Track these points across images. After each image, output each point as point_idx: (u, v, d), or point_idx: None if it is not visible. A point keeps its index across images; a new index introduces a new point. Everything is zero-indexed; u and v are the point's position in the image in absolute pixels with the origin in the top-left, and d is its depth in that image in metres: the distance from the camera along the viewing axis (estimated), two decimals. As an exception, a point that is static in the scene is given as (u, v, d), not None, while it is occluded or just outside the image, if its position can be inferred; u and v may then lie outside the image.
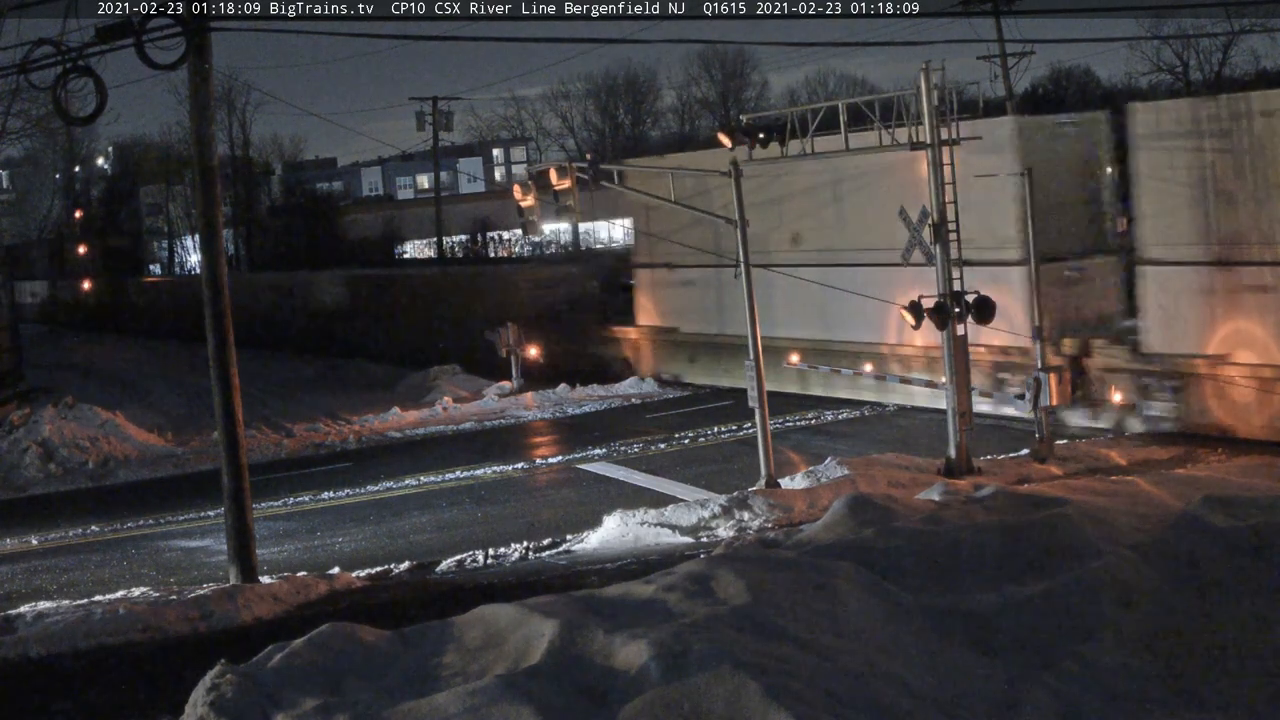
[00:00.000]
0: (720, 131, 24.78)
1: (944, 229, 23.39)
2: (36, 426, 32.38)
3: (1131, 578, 13.26)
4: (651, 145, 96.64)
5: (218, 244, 19.31)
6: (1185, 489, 19.81)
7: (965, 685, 11.23)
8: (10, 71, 18.35)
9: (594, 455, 29.32)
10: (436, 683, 11.72)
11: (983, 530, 15.20)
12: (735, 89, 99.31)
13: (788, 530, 19.75)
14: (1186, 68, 76.20)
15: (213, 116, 19.47)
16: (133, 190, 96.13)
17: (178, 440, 34.27)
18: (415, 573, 20.52)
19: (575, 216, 25.00)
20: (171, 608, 17.81)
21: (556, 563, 20.44)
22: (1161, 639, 12.28)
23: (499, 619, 12.59)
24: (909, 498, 19.79)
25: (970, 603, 13.11)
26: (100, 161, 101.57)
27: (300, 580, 19.12)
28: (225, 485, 19.27)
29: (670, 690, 10.55)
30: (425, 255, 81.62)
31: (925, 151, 23.45)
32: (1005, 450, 25.83)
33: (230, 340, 19.12)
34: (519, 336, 40.18)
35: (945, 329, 23.19)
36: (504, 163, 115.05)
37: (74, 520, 26.62)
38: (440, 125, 71.81)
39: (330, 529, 24.39)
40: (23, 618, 17.78)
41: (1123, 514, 16.94)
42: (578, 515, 23.45)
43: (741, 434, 29.53)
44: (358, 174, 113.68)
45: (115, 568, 22.53)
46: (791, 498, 22.19)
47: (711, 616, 12.01)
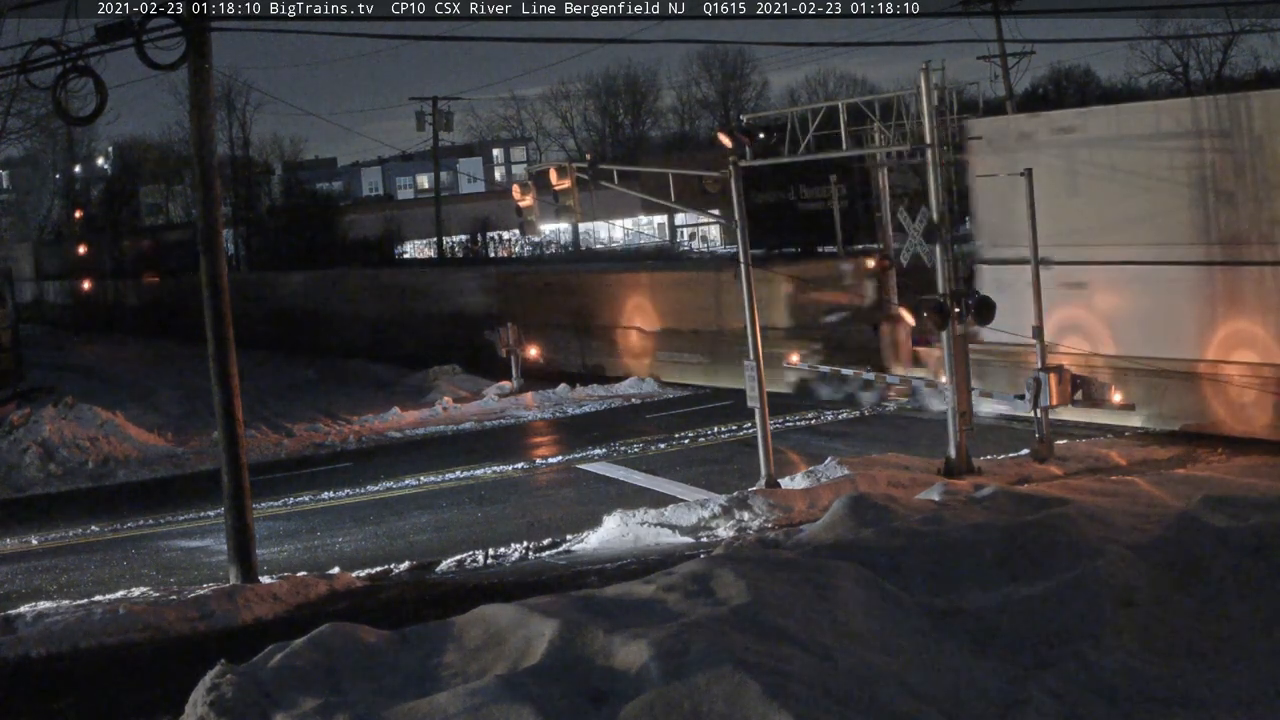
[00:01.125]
0: (720, 131, 24.78)
1: (943, 229, 23.40)
2: (36, 426, 32.39)
3: (1131, 578, 13.26)
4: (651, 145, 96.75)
5: (218, 244, 19.31)
6: (1185, 489, 19.83)
7: (965, 685, 11.24)
8: (10, 71, 18.36)
9: (594, 455, 29.32)
10: (436, 683, 11.72)
11: (983, 530, 15.21)
12: (735, 89, 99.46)
13: (788, 530, 19.75)
14: (1186, 68, 76.33)
15: (213, 116, 19.47)
16: (133, 190, 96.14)
17: (178, 440, 34.27)
18: (415, 573, 20.51)
19: (575, 217, 24.97)
20: (171, 608, 17.81)
21: (556, 563, 20.44)
22: (1161, 639, 12.29)
23: (499, 619, 12.59)
24: (909, 498, 19.80)
25: (970, 603, 13.11)
26: (100, 161, 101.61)
27: (300, 580, 19.12)
28: (225, 485, 19.27)
29: (670, 690, 10.55)
30: (425, 255, 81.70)
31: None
32: (1005, 450, 25.83)
33: (230, 340, 19.13)
34: (519, 336, 40.19)
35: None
36: (504, 163, 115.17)
37: (74, 520, 26.62)
38: (440, 125, 71.90)
39: (330, 529, 24.40)
40: (23, 618, 17.78)
41: (1123, 514, 16.96)
42: (578, 515, 23.45)
43: (741, 434, 29.54)
44: (358, 174, 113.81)
45: (115, 568, 22.53)
46: (791, 498, 22.19)
47: (712, 616, 12.01)
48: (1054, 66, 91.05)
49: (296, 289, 61.69)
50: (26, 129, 41.09)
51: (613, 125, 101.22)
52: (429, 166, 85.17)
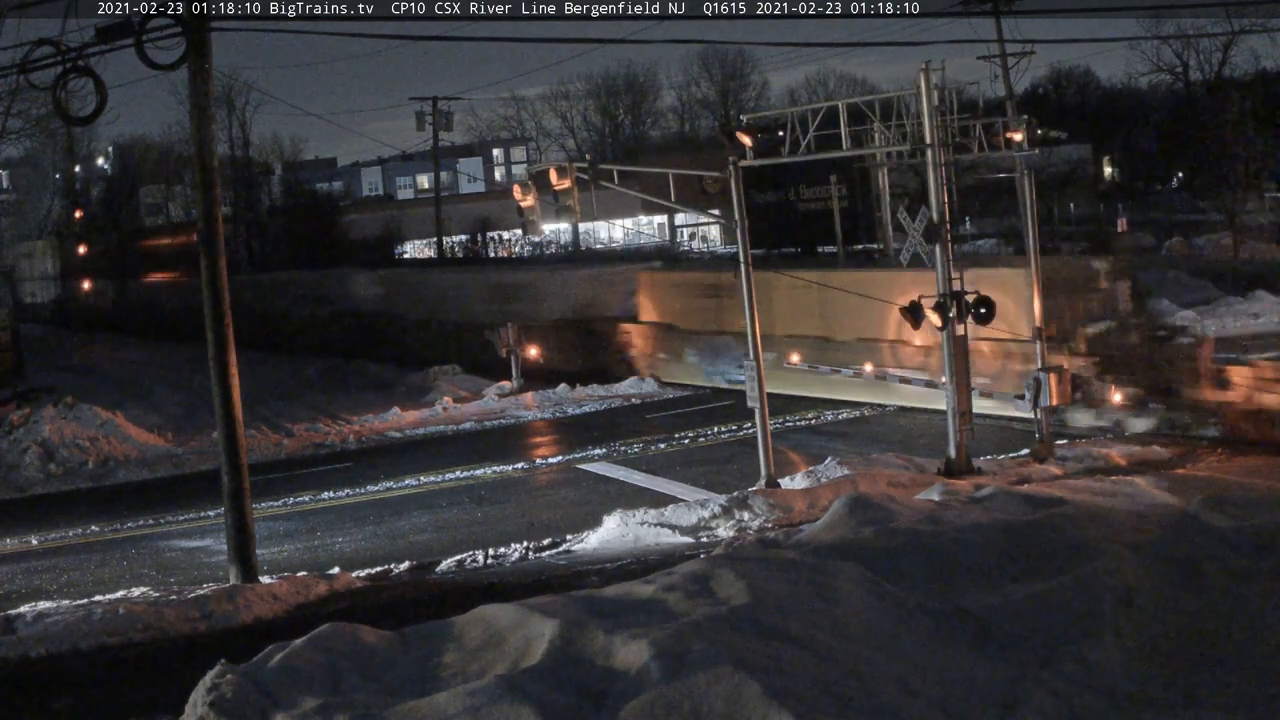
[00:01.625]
0: (720, 131, 24.78)
1: (943, 229, 23.40)
2: (36, 426, 32.39)
3: (1131, 578, 13.26)
4: (651, 145, 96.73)
5: (218, 244, 19.30)
6: (1185, 489, 19.82)
7: (965, 685, 11.24)
8: (10, 71, 18.36)
9: (594, 455, 29.32)
10: (436, 683, 11.72)
11: (983, 530, 15.21)
12: (735, 89, 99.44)
13: (788, 530, 19.76)
14: (1186, 68, 76.29)
15: (213, 116, 19.46)
16: (133, 190, 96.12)
17: (178, 440, 34.27)
18: (415, 573, 20.52)
19: (575, 217, 24.96)
20: (171, 608, 17.81)
21: (556, 563, 20.44)
22: (1161, 639, 12.28)
23: (499, 619, 12.59)
24: (909, 498, 19.79)
25: (970, 603, 13.11)
26: (100, 161, 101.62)
27: (300, 580, 19.12)
28: (225, 485, 19.27)
29: (670, 690, 10.55)
30: (425, 255, 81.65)
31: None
32: (1005, 450, 25.83)
33: (230, 340, 19.13)
34: (519, 336, 40.20)
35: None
36: (504, 163, 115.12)
37: (74, 520, 26.62)
38: (440, 125, 71.86)
39: (330, 529, 24.40)
40: (23, 618, 17.78)
41: (1123, 514, 16.95)
42: (578, 515, 23.45)
43: (741, 434, 29.53)
44: (358, 174, 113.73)
45: (115, 568, 22.53)
46: (791, 498, 22.19)
47: (712, 616, 12.01)
48: (1054, 66, 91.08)
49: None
50: (26, 129, 41.10)
51: (613, 125, 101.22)
52: (429, 166, 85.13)
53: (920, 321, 23.58)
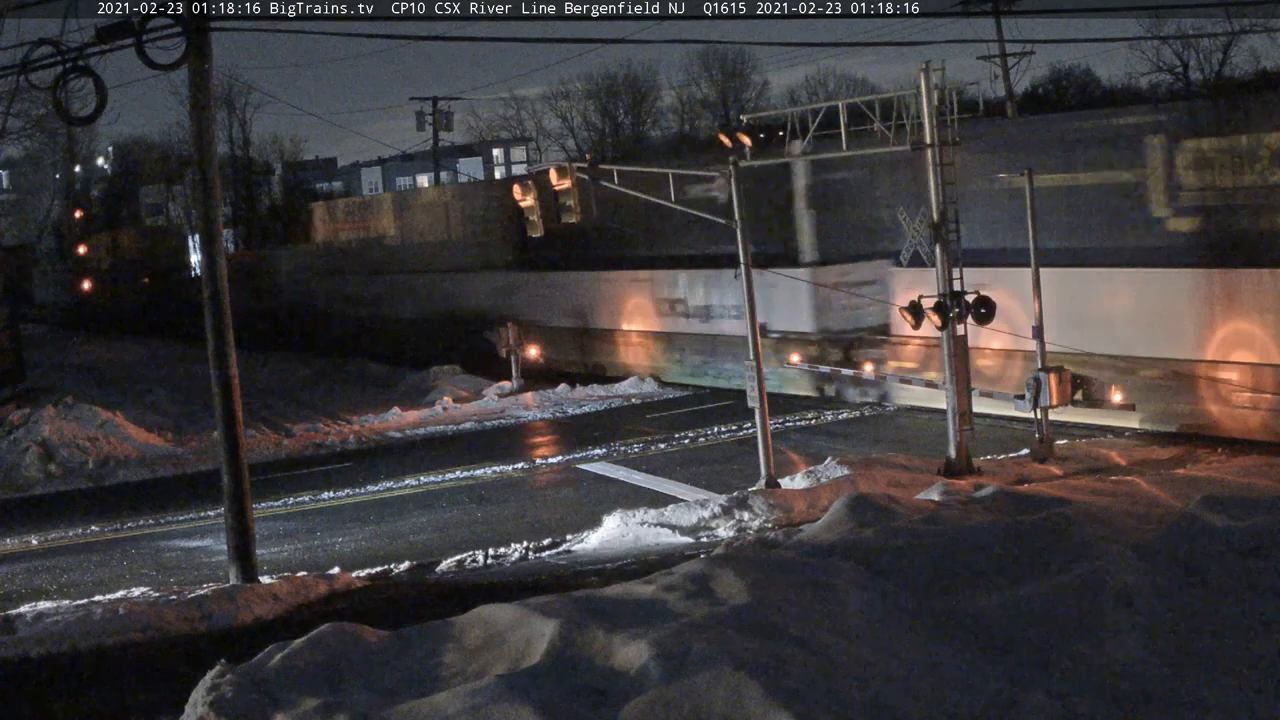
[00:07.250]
0: (720, 132, 24.78)
1: (943, 229, 23.40)
2: (36, 426, 32.38)
3: (1131, 578, 13.26)
4: (651, 145, 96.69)
5: (218, 244, 19.30)
6: (1185, 489, 19.82)
7: (965, 685, 11.23)
8: (10, 71, 18.40)
9: (594, 455, 29.31)
10: (436, 683, 11.73)
11: (983, 531, 15.21)
12: (735, 89, 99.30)
13: (788, 530, 19.75)
14: (1186, 68, 76.25)
15: (213, 116, 19.46)
16: (133, 190, 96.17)
17: (178, 440, 34.27)
18: (415, 573, 20.52)
19: (575, 216, 24.94)
20: (171, 608, 17.81)
21: (556, 563, 20.44)
22: (1161, 639, 12.28)
23: (499, 619, 12.60)
24: (909, 498, 19.80)
25: (970, 603, 13.12)
26: (100, 161, 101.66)
27: (300, 580, 19.12)
28: (225, 485, 19.27)
29: (670, 690, 10.56)
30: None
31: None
32: (1005, 450, 25.83)
33: (230, 340, 19.12)
34: (519, 336, 40.20)
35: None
36: (504, 163, 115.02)
37: (74, 520, 26.63)
38: (440, 125, 71.84)
39: (330, 529, 24.39)
40: (23, 618, 17.78)
41: (1123, 514, 16.96)
42: (578, 515, 23.44)
43: (741, 434, 29.53)
44: (358, 174, 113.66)
45: (115, 568, 22.53)
46: (791, 498, 22.18)
47: (712, 616, 12.02)
48: (1054, 66, 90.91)
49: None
50: (26, 129, 41.16)
51: (613, 125, 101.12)
52: (429, 166, 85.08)
53: (921, 321, 23.57)
